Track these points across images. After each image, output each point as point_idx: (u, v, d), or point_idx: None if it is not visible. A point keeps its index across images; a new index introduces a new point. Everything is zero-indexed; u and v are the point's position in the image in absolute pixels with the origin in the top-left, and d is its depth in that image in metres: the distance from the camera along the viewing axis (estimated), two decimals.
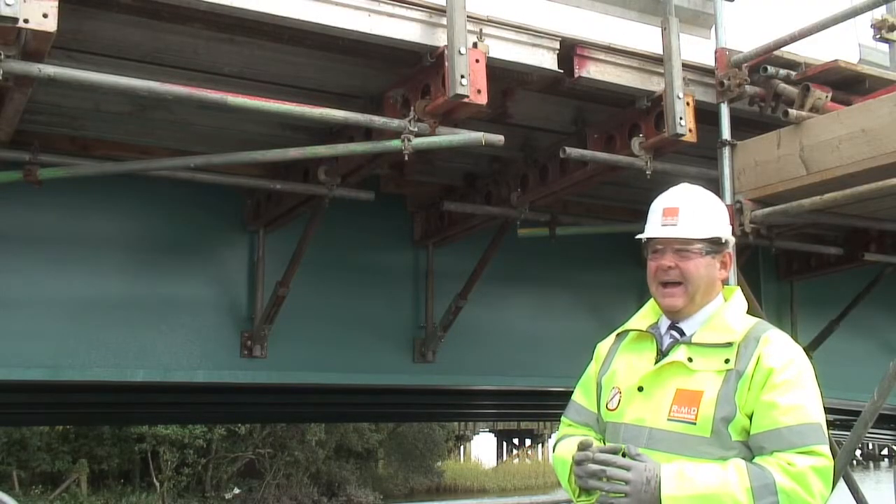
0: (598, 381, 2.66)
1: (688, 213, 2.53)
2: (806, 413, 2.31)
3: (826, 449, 2.30)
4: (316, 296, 6.32)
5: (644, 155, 4.99)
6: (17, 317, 5.50)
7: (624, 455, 2.36)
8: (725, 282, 2.62)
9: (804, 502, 2.23)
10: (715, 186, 4.93)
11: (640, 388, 2.49)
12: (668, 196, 2.61)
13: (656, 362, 2.50)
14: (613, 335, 2.73)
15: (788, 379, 2.34)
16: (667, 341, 2.54)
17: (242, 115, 4.78)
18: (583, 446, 2.38)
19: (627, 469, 2.29)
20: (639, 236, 2.61)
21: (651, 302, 2.67)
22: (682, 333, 2.53)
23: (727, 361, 2.39)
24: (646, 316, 2.66)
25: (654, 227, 2.56)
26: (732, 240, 2.61)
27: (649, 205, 2.68)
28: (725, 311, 2.53)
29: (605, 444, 2.57)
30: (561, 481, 2.58)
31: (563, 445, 2.61)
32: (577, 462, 2.38)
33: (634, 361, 2.56)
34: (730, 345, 2.42)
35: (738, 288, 2.65)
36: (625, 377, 2.55)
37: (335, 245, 6.37)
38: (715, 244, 2.54)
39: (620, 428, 2.49)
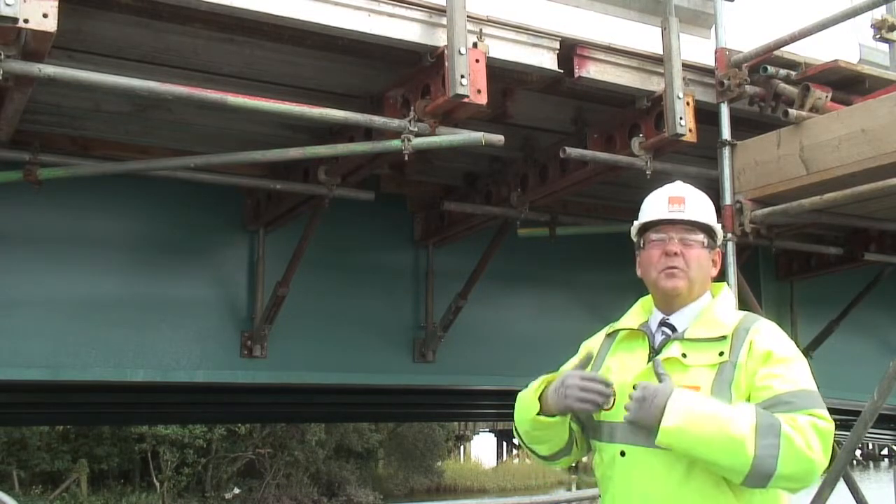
0: None
1: (693, 203, 2.59)
2: (805, 383, 2.37)
3: (827, 413, 2.33)
4: (316, 296, 6.32)
5: (644, 155, 5.00)
6: (17, 317, 5.51)
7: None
8: (714, 280, 2.66)
9: (803, 454, 2.24)
10: (715, 186, 4.94)
11: (636, 387, 2.49)
12: (671, 188, 2.66)
13: (649, 360, 2.51)
14: (602, 334, 2.74)
15: (785, 357, 2.39)
16: (658, 338, 2.56)
17: (242, 115, 4.78)
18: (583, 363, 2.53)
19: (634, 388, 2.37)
20: (647, 219, 2.60)
21: (640, 301, 2.69)
22: (673, 329, 2.55)
23: (721, 354, 2.42)
24: (636, 315, 2.67)
25: (661, 212, 2.58)
26: (721, 237, 2.67)
27: None
28: (715, 307, 2.56)
29: (585, 439, 2.66)
30: (521, 407, 2.70)
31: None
32: (580, 378, 2.45)
33: (627, 360, 2.57)
34: (723, 338, 2.45)
35: (725, 284, 2.69)
36: (619, 375, 2.55)
37: (335, 245, 6.37)
38: (712, 238, 2.60)
39: (617, 427, 2.49)
